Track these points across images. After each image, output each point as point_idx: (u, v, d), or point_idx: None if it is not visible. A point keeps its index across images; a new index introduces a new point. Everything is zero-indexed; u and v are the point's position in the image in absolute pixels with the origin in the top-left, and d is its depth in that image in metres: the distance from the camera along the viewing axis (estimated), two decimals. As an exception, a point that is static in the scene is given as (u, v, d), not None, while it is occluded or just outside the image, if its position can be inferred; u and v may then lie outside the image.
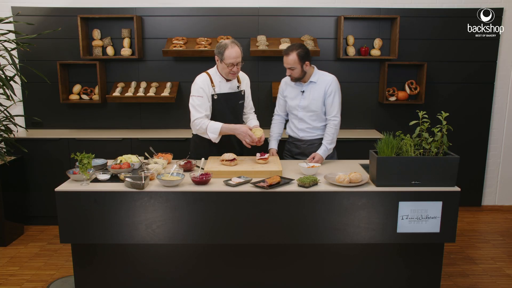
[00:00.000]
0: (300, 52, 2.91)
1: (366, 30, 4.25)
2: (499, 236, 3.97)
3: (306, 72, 2.99)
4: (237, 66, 2.88)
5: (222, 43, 2.86)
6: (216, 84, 2.96)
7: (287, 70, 2.98)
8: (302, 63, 2.93)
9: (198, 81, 2.94)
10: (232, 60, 2.83)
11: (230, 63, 2.84)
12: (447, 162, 2.40)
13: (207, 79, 2.95)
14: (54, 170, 3.99)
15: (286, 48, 2.95)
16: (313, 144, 3.12)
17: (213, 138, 2.90)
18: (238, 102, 3.07)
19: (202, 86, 2.92)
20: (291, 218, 2.42)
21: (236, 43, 2.87)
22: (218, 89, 2.97)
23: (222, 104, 2.98)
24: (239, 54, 2.86)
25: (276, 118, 3.27)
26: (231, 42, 2.86)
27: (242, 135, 2.86)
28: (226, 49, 2.83)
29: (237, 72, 2.91)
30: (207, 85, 2.93)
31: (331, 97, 3.01)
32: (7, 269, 3.32)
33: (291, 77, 3.01)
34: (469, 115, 4.43)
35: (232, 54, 2.82)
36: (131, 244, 2.50)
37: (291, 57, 2.91)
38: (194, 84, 2.95)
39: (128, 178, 2.42)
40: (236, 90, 3.06)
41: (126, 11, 4.17)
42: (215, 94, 2.95)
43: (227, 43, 2.85)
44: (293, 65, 2.93)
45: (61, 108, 4.37)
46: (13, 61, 3.46)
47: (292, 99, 3.11)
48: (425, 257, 2.56)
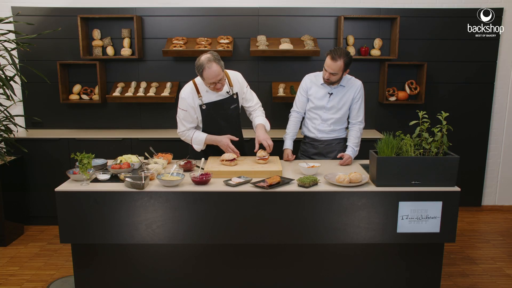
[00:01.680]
0: (346, 60, 2.84)
1: (366, 30, 4.25)
2: (499, 236, 3.97)
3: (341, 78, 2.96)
4: (220, 83, 2.71)
5: (199, 63, 2.66)
6: (203, 94, 2.84)
7: (327, 73, 2.90)
8: (344, 70, 2.89)
9: (183, 93, 2.84)
10: (212, 80, 2.67)
11: (210, 83, 2.71)
12: (447, 162, 2.40)
13: (192, 90, 2.84)
14: (54, 170, 3.99)
15: (333, 53, 2.84)
16: (330, 144, 3.13)
17: (198, 149, 2.91)
18: (229, 107, 2.92)
19: (187, 98, 2.82)
20: (291, 218, 2.42)
21: (213, 59, 2.65)
22: (206, 99, 2.84)
23: (211, 112, 2.88)
24: (218, 72, 2.66)
25: (294, 115, 3.19)
26: (207, 60, 2.64)
27: (224, 147, 2.84)
28: (203, 70, 2.65)
29: (221, 87, 2.75)
30: (192, 96, 2.83)
31: (359, 102, 3.04)
32: (7, 269, 3.32)
33: (328, 81, 2.95)
34: (469, 115, 4.43)
35: (211, 75, 2.65)
36: (131, 244, 2.50)
37: (339, 64, 2.83)
38: (180, 95, 2.86)
39: (128, 178, 2.42)
40: (226, 96, 2.89)
41: (126, 11, 4.17)
42: (203, 104, 2.84)
43: (203, 63, 2.63)
44: (337, 72, 2.86)
45: (61, 108, 4.37)
46: (13, 61, 3.46)
47: (318, 99, 3.06)
48: (425, 257, 2.55)
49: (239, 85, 2.97)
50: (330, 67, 2.86)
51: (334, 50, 2.86)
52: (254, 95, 3.10)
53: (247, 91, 3.04)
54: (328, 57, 2.86)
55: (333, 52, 2.85)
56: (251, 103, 3.07)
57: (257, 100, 3.11)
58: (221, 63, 2.70)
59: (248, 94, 3.05)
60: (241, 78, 2.99)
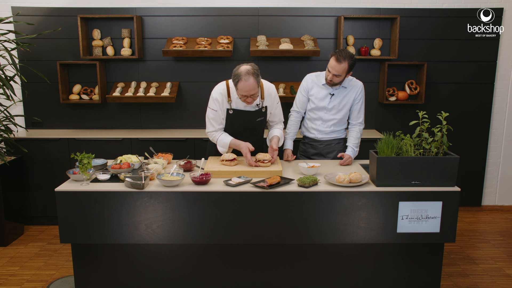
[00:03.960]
0: (351, 63, 2.84)
1: (366, 30, 4.25)
2: (499, 236, 3.97)
3: (344, 80, 2.96)
4: (252, 97, 2.65)
5: (237, 72, 2.60)
6: (233, 99, 2.78)
7: (331, 75, 2.89)
8: (348, 72, 2.89)
9: (214, 93, 2.78)
10: (244, 93, 2.62)
11: (241, 96, 2.66)
12: (447, 162, 2.40)
13: (224, 92, 2.77)
14: (54, 170, 3.99)
15: (338, 54, 2.82)
16: (330, 145, 3.13)
17: (222, 152, 2.84)
18: (255, 120, 2.87)
19: (218, 98, 2.77)
20: (291, 218, 2.42)
21: (252, 73, 2.58)
22: (235, 105, 2.80)
23: (236, 120, 2.83)
24: (254, 86, 2.58)
25: (294, 115, 3.18)
26: (246, 72, 2.57)
27: (243, 153, 2.74)
28: (239, 81, 2.59)
29: (251, 102, 2.69)
30: (223, 98, 2.77)
31: (359, 103, 3.05)
32: (7, 269, 3.32)
33: (331, 82, 2.94)
34: (469, 115, 4.43)
35: (245, 87, 2.59)
36: (131, 244, 2.50)
37: (343, 66, 2.82)
38: (211, 94, 2.81)
39: (128, 178, 2.42)
40: (255, 108, 2.84)
41: (126, 11, 4.17)
42: (230, 109, 2.79)
43: (241, 74, 2.57)
44: (341, 73, 2.86)
45: (61, 108, 4.37)
46: (13, 61, 3.46)
47: (320, 100, 3.05)
48: (425, 257, 2.55)
49: (270, 99, 2.90)
50: (334, 69, 2.85)
51: (339, 51, 2.84)
52: (280, 112, 3.04)
53: (277, 107, 2.97)
54: (332, 58, 2.85)
55: (338, 54, 2.83)
56: (275, 119, 3.03)
57: (280, 117, 3.05)
58: (258, 78, 2.64)
59: (277, 110, 2.99)
60: (274, 93, 2.91)
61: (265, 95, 2.86)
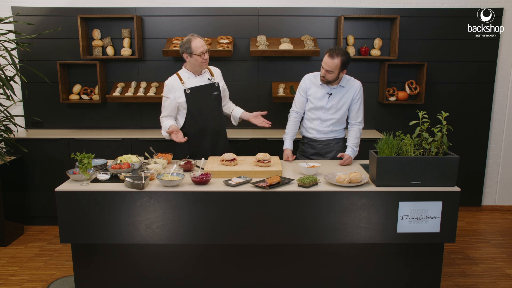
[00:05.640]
0: (344, 60, 2.85)
1: (366, 30, 4.25)
2: (499, 236, 3.97)
3: (338, 78, 2.97)
4: (207, 53, 3.01)
5: (184, 40, 2.99)
6: (185, 80, 3.06)
7: (324, 71, 2.91)
8: (341, 69, 2.89)
9: (167, 81, 3.08)
10: (201, 49, 2.95)
11: (200, 52, 2.94)
12: (447, 162, 2.40)
13: (175, 77, 3.07)
14: (54, 170, 3.99)
15: (331, 50, 2.87)
16: (329, 144, 3.13)
17: (165, 136, 3.11)
18: (212, 93, 3.11)
19: (170, 84, 3.05)
20: (291, 218, 2.42)
21: (196, 35, 3.01)
22: (188, 84, 3.05)
23: (196, 97, 3.05)
24: (203, 42, 2.99)
25: (293, 115, 3.19)
26: (191, 35, 2.99)
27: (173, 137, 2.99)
28: (191, 42, 2.95)
29: (207, 60, 3.02)
30: (175, 83, 3.05)
31: (358, 103, 3.05)
32: (7, 269, 3.32)
33: (323, 79, 2.96)
34: (469, 115, 4.43)
35: (199, 43, 2.95)
36: (131, 244, 2.50)
37: (335, 62, 2.84)
38: (164, 83, 3.10)
39: (128, 178, 2.42)
40: (208, 82, 3.11)
41: (126, 11, 4.17)
42: (186, 89, 3.03)
43: (189, 38, 2.97)
44: (333, 70, 2.87)
45: (61, 108, 4.37)
46: (13, 61, 3.46)
47: (318, 100, 3.06)
48: (425, 257, 2.55)
49: (220, 77, 3.22)
50: (326, 64, 2.88)
51: (333, 48, 2.90)
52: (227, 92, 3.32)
53: (226, 88, 3.27)
54: (326, 54, 2.90)
55: (331, 50, 2.88)
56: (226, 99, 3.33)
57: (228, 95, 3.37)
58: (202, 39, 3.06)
59: (226, 92, 3.29)
60: (220, 72, 3.25)
61: (215, 74, 3.18)
